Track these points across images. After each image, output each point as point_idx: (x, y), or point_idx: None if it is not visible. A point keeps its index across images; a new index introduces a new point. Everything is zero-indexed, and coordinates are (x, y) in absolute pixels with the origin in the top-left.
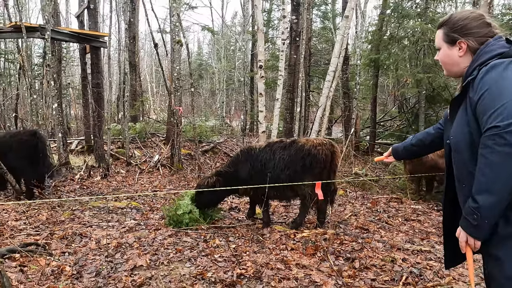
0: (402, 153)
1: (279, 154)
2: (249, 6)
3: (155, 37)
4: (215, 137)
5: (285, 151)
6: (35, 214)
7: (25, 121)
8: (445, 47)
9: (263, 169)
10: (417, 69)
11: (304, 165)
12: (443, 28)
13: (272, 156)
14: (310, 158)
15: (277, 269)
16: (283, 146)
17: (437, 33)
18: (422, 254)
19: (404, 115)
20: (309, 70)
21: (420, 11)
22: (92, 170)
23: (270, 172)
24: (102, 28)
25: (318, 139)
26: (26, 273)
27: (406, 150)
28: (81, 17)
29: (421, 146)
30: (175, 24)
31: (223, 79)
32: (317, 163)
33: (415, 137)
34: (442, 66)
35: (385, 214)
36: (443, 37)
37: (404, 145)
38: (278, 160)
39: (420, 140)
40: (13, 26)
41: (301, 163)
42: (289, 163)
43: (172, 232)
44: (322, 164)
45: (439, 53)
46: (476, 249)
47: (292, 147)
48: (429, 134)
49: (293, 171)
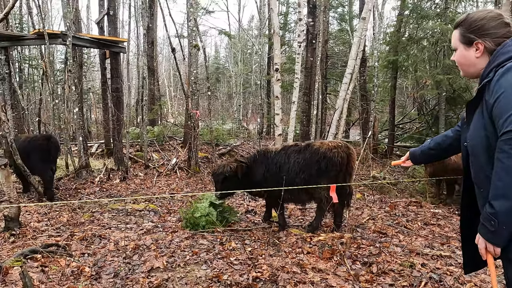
0: (419, 157)
1: (294, 158)
2: (265, 9)
3: (172, 41)
4: (232, 140)
5: (300, 155)
6: (57, 216)
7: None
8: (462, 48)
9: (278, 172)
10: (437, 70)
11: (320, 168)
12: (459, 28)
13: (287, 159)
14: (326, 161)
15: (293, 272)
16: (298, 149)
17: (454, 34)
18: (442, 259)
19: (423, 117)
20: (325, 73)
21: (440, 11)
22: (112, 173)
23: (285, 175)
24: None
25: (333, 142)
26: (47, 273)
27: (423, 154)
28: (101, 24)
29: (439, 150)
30: (192, 29)
31: (240, 82)
32: (333, 166)
33: (433, 140)
34: (458, 66)
35: (404, 218)
36: (459, 38)
37: (422, 149)
38: (293, 164)
39: (438, 144)
40: (37, 33)
41: (316, 166)
42: (304, 166)
43: (189, 234)
44: (338, 167)
45: (455, 53)
46: (496, 255)
47: (307, 151)
48: (448, 137)
49: (308, 175)
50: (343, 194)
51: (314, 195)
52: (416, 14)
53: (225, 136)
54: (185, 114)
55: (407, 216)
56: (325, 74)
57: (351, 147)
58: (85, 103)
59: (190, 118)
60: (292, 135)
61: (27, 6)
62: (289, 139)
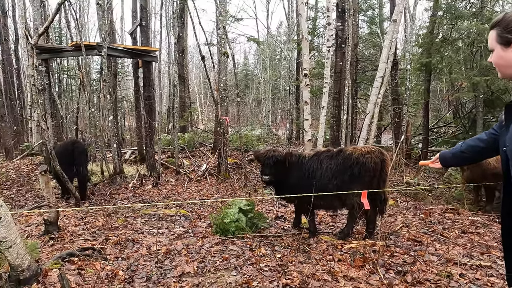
0: (450, 160)
1: (326, 163)
2: (293, 15)
3: (202, 49)
4: (261, 146)
5: (332, 160)
6: (92, 220)
7: (84, 133)
8: (499, 49)
9: (310, 178)
10: (473, 72)
11: (353, 174)
12: (496, 28)
13: (320, 165)
14: (359, 167)
15: (324, 280)
16: (330, 155)
17: (490, 34)
18: (482, 269)
19: (459, 120)
20: (355, 77)
21: (476, 10)
22: (144, 179)
23: (317, 181)
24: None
25: (366, 147)
26: (83, 276)
27: (455, 156)
28: (134, 34)
29: (471, 153)
30: (222, 37)
31: (269, 88)
32: (366, 172)
33: (465, 143)
34: (496, 68)
35: (440, 225)
36: (496, 38)
37: (453, 152)
38: (325, 169)
39: (471, 147)
40: (74, 45)
41: (349, 172)
42: (337, 172)
43: (219, 240)
44: (372, 172)
45: (492, 55)
46: None
47: (339, 156)
48: (481, 140)
49: (341, 181)
50: (377, 201)
51: (346, 202)
52: (450, 15)
53: (254, 142)
54: (214, 120)
55: (443, 224)
56: (355, 78)
57: (385, 153)
58: (119, 111)
59: (219, 124)
60: (321, 141)
61: (66, 20)
62: (318, 144)
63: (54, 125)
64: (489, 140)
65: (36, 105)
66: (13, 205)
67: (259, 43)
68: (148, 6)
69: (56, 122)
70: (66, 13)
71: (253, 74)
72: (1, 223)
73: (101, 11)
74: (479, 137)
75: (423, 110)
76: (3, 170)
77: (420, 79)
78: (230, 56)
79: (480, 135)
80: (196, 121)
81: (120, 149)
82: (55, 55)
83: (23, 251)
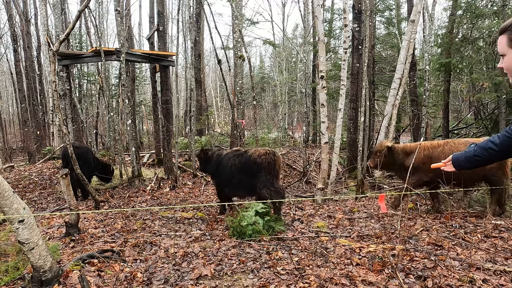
0: (464, 164)
1: (234, 161)
2: (309, 17)
3: (218, 53)
4: (278, 149)
5: (238, 158)
6: (112, 223)
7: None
8: (511, 54)
9: (223, 171)
10: (495, 72)
11: (252, 171)
12: (507, 33)
13: (229, 161)
14: (256, 166)
15: (342, 284)
16: (238, 154)
17: (500, 39)
18: (506, 275)
19: (481, 122)
20: (373, 78)
21: (497, 9)
22: (162, 182)
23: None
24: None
25: (263, 149)
26: (103, 278)
27: (468, 160)
28: (151, 39)
29: (485, 156)
30: (237, 40)
31: (285, 91)
32: (261, 170)
33: (479, 146)
34: (507, 73)
35: (462, 229)
36: (508, 43)
37: (466, 155)
38: (233, 165)
39: (485, 150)
40: (94, 51)
41: (249, 169)
42: (240, 168)
43: (236, 243)
44: (266, 170)
45: (503, 60)
46: None
47: (243, 156)
48: (494, 143)
49: (244, 175)
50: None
51: (251, 192)
52: (471, 13)
53: (271, 144)
54: (231, 123)
55: (465, 228)
56: (372, 80)
57: (278, 154)
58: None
59: (236, 127)
60: (338, 143)
61: (86, 27)
62: (335, 147)
63: (75, 130)
64: (503, 143)
65: (58, 110)
66: (36, 208)
67: (275, 45)
68: (165, 12)
69: (77, 127)
70: (86, 20)
71: (269, 77)
72: (24, 225)
73: (120, 17)
74: (492, 139)
75: (442, 111)
76: (26, 174)
77: (440, 80)
78: (246, 59)
79: (492, 137)
80: (213, 124)
81: (138, 153)
82: (76, 61)
83: (45, 253)
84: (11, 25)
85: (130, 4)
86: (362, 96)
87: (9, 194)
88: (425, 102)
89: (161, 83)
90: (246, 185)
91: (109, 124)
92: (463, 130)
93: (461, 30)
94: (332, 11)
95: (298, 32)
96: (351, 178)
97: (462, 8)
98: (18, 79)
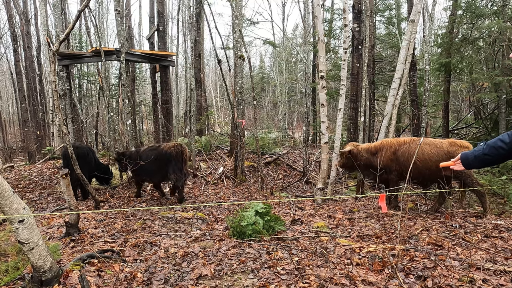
0: (473, 163)
1: (150, 154)
2: (309, 17)
3: (218, 53)
4: (278, 149)
5: (153, 151)
6: (112, 223)
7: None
8: None
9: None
10: (495, 72)
11: (164, 160)
12: None
13: (147, 155)
14: (167, 156)
15: (342, 284)
16: (153, 148)
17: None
18: (506, 275)
19: (481, 122)
20: (373, 78)
21: (497, 8)
22: None
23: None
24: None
25: (173, 143)
26: (103, 278)
27: (477, 159)
28: (151, 39)
29: (494, 155)
30: (237, 40)
31: (285, 91)
32: (171, 159)
33: (488, 145)
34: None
35: (462, 229)
36: None
37: (475, 154)
38: (150, 158)
39: (494, 149)
40: (94, 51)
41: (162, 159)
42: (156, 159)
43: (236, 243)
44: (175, 159)
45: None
46: None
47: (157, 149)
48: (504, 142)
49: (158, 165)
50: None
51: (165, 178)
52: (471, 13)
53: (270, 145)
54: (231, 123)
55: (465, 228)
56: (372, 80)
57: (184, 145)
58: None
59: (236, 127)
60: (339, 143)
61: (86, 26)
62: (335, 147)
63: (75, 129)
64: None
65: (58, 110)
66: (36, 208)
67: (275, 45)
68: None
69: (77, 127)
70: (86, 20)
71: (269, 77)
72: (24, 225)
73: (120, 17)
74: (501, 138)
75: (442, 111)
76: (26, 174)
77: (440, 80)
78: (246, 59)
79: (502, 136)
80: (213, 124)
81: None
82: (76, 61)
83: (45, 253)
84: (11, 25)
85: (130, 4)
86: (362, 96)
87: (9, 194)
88: (425, 102)
89: (161, 83)
90: (161, 172)
91: (109, 124)
92: (463, 130)
93: (461, 30)
94: (332, 11)
95: (298, 32)
96: (351, 178)
97: (462, 8)
98: (18, 79)
